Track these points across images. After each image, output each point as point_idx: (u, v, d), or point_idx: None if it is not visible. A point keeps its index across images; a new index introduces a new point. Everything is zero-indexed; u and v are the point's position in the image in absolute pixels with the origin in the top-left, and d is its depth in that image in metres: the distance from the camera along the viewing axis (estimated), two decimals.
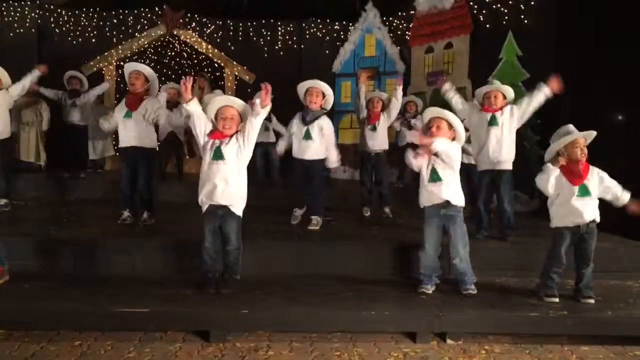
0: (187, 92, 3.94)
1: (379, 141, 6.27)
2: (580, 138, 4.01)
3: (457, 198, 4.14)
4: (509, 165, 5.09)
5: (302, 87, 5.49)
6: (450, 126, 4.11)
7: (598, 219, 4.07)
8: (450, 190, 4.11)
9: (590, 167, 4.06)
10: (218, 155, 3.95)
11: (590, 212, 4.02)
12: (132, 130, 5.28)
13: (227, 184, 3.97)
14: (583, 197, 4.00)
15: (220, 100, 4.11)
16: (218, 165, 3.96)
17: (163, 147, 7.50)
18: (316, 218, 5.56)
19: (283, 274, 4.51)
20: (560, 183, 4.05)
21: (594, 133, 4.03)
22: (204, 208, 4.06)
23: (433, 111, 4.20)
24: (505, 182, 5.08)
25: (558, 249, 4.11)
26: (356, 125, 9.55)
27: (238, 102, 4.06)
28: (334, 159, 5.54)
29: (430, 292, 4.17)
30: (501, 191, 5.10)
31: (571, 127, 4.08)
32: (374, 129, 6.23)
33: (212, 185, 3.97)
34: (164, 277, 4.39)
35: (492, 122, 4.99)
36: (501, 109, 5.02)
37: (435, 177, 4.10)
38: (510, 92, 5.13)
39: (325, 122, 5.47)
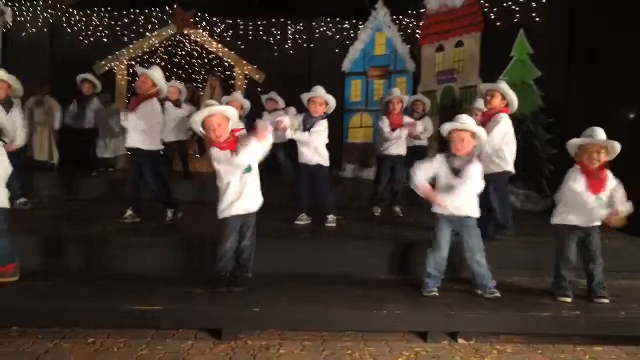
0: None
1: (403, 147, 6.33)
2: (594, 144, 3.92)
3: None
4: (497, 169, 5.00)
5: (304, 97, 5.59)
6: (474, 135, 4.03)
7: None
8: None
9: (610, 178, 3.98)
10: (248, 168, 4.00)
11: (598, 218, 3.97)
12: (131, 131, 5.31)
13: (257, 192, 4.11)
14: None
15: (201, 113, 3.99)
16: (248, 178, 4.02)
17: (166, 147, 7.53)
18: (332, 216, 5.64)
19: (294, 273, 4.51)
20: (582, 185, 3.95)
21: (617, 147, 3.90)
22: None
23: (453, 125, 4.05)
24: (492, 183, 4.98)
25: (563, 246, 4.11)
26: (366, 124, 9.60)
27: (217, 109, 3.99)
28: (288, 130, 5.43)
29: (436, 293, 4.11)
30: (489, 190, 5.06)
31: (597, 130, 3.96)
32: (400, 136, 6.24)
33: (245, 198, 4.02)
34: (175, 275, 4.42)
35: None
36: None
37: None
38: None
39: (317, 127, 5.46)
